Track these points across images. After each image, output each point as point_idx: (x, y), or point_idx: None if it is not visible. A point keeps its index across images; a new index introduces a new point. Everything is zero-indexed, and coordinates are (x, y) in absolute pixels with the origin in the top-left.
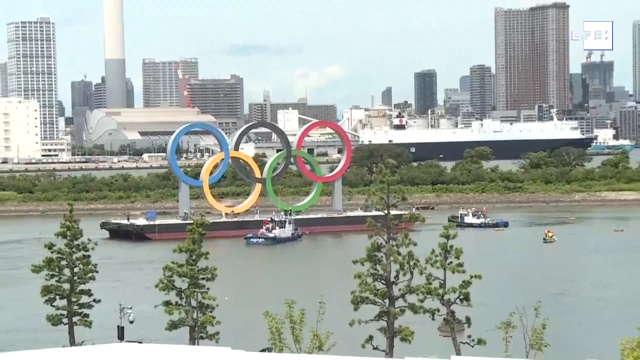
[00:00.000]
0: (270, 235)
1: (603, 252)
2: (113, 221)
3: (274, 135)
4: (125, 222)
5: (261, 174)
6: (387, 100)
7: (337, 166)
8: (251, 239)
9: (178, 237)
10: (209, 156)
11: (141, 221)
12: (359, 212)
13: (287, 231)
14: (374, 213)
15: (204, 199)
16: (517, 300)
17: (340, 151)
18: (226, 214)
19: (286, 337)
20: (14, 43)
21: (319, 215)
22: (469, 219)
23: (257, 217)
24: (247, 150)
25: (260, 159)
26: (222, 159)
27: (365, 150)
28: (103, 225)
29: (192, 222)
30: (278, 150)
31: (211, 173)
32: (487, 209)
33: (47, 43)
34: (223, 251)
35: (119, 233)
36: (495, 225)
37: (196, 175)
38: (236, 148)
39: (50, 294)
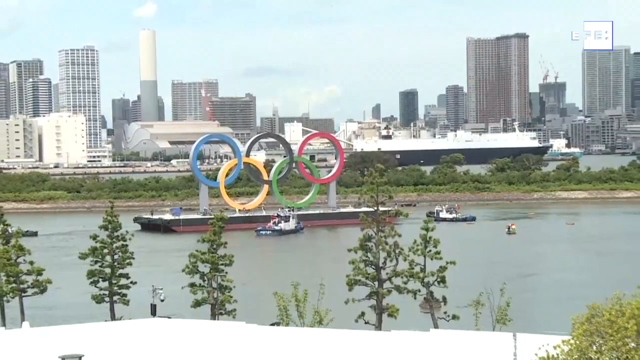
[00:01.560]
0: (277, 228)
1: (557, 242)
2: (144, 216)
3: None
4: (155, 217)
5: (268, 177)
6: (376, 114)
7: (332, 170)
8: (260, 231)
9: (199, 229)
10: (227, 162)
11: (168, 216)
12: (350, 209)
13: (291, 224)
14: (364, 209)
15: (221, 197)
16: (485, 282)
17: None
18: (239, 210)
19: (292, 314)
20: (64, 67)
21: (317, 211)
22: (443, 214)
23: (264, 213)
24: (259, 157)
25: (269, 164)
26: (236, 164)
27: (358, 156)
28: (135, 220)
29: (211, 217)
30: (285, 157)
31: (227, 176)
32: (458, 206)
33: (92, 67)
34: (237, 241)
35: (149, 226)
36: (465, 220)
37: (214, 178)
38: (247, 155)
39: (95, 277)
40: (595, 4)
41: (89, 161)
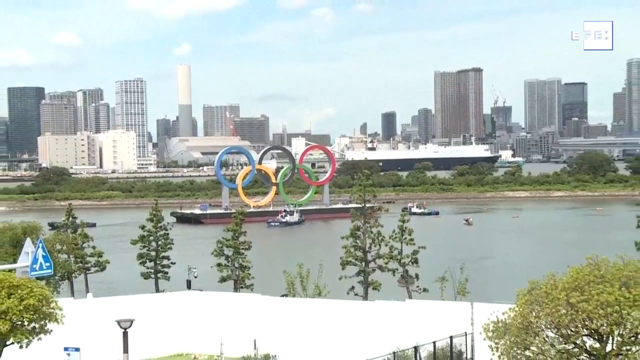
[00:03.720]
0: (283, 220)
1: (505, 231)
2: (179, 211)
3: None
4: (186, 211)
5: (276, 180)
6: (363, 131)
7: (326, 175)
8: (270, 223)
9: (221, 222)
10: (243, 168)
11: (197, 211)
12: (341, 205)
13: (295, 218)
14: (353, 205)
15: (239, 196)
16: (448, 263)
17: (335, 165)
18: (253, 206)
19: (297, 287)
20: (119, 94)
21: (315, 207)
22: (414, 210)
23: (272, 209)
24: (271, 164)
25: (278, 170)
26: (250, 170)
27: (349, 164)
28: (172, 214)
29: (232, 211)
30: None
31: (243, 179)
32: (425, 203)
33: (141, 94)
34: (252, 231)
35: (183, 219)
36: (430, 214)
37: (234, 181)
38: (260, 162)
39: (143, 259)
40: (536, 45)
41: (138, 168)
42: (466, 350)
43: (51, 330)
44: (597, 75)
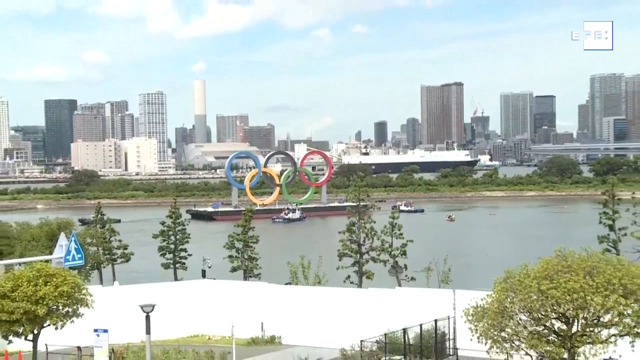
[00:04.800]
0: (286, 217)
1: (483, 227)
2: (193, 209)
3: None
4: (200, 209)
5: (279, 181)
6: (358, 138)
7: (323, 177)
8: (275, 220)
9: (231, 218)
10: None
11: (210, 209)
12: (337, 204)
13: (296, 215)
14: (348, 204)
15: (246, 196)
16: (433, 255)
17: (332, 168)
18: (259, 204)
19: (299, 276)
20: (142, 105)
21: (314, 205)
22: (402, 207)
23: (277, 207)
24: (275, 168)
25: (282, 173)
26: (257, 173)
27: (345, 167)
28: (188, 211)
29: (241, 209)
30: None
31: (251, 180)
32: (412, 201)
33: (161, 105)
34: (259, 227)
35: (197, 216)
36: (416, 211)
37: (242, 182)
38: (265, 166)
39: (163, 251)
40: (511, 63)
41: (159, 171)
42: (449, 331)
43: (82, 314)
44: (564, 88)
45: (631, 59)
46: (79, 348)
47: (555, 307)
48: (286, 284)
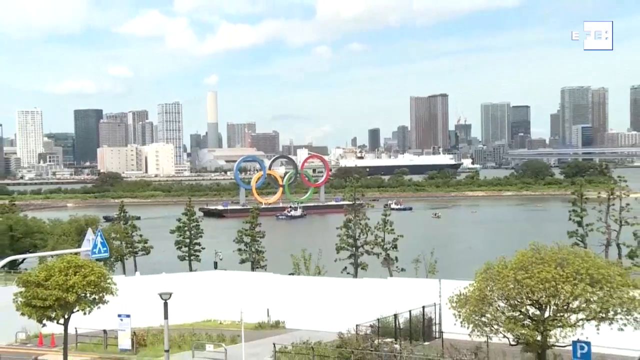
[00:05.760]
0: (289, 214)
1: (466, 223)
2: (206, 207)
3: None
4: (212, 207)
5: (282, 183)
6: (354, 143)
7: (322, 179)
8: (279, 217)
9: (239, 215)
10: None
11: (220, 207)
12: (334, 202)
13: (298, 212)
14: (344, 202)
15: (253, 196)
16: (420, 248)
17: (329, 170)
18: (264, 203)
19: (301, 267)
20: (161, 114)
21: (313, 204)
22: (393, 206)
23: (280, 205)
24: (279, 170)
25: (285, 175)
26: (262, 175)
27: (342, 170)
28: (200, 209)
29: (249, 207)
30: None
31: (257, 182)
32: (402, 200)
33: (178, 114)
34: (264, 223)
35: (209, 213)
36: (405, 209)
37: (249, 183)
38: (270, 168)
39: (179, 245)
40: (490, 76)
41: (175, 173)
42: (435, 317)
43: (108, 301)
44: (538, 99)
45: (597, 73)
46: (104, 331)
47: (529, 295)
48: (289, 274)
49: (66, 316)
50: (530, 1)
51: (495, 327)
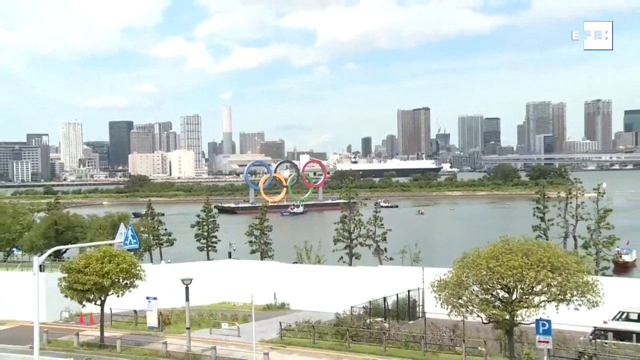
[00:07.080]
0: (292, 211)
1: (446, 219)
2: (220, 205)
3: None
4: (225, 205)
5: (286, 184)
6: (349, 150)
7: (320, 180)
8: (283, 213)
9: (249, 212)
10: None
11: (232, 205)
12: (330, 201)
13: (300, 210)
14: (339, 201)
15: (260, 195)
16: (406, 240)
17: (328, 173)
18: (270, 202)
19: (303, 257)
20: (183, 125)
21: (313, 202)
22: (382, 204)
23: (284, 203)
24: (284, 173)
25: (289, 177)
26: (269, 177)
27: (339, 173)
28: (216, 207)
29: (258, 205)
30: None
31: (264, 183)
32: (389, 199)
33: (197, 125)
34: (271, 219)
35: (223, 210)
36: (392, 207)
37: (257, 184)
38: (275, 172)
39: (198, 237)
40: (466, 93)
41: (195, 175)
42: (418, 299)
43: (137, 285)
44: (507, 112)
45: (558, 89)
46: (135, 311)
47: (499, 280)
48: (293, 263)
49: (102, 298)
50: (503, 28)
51: (470, 308)
